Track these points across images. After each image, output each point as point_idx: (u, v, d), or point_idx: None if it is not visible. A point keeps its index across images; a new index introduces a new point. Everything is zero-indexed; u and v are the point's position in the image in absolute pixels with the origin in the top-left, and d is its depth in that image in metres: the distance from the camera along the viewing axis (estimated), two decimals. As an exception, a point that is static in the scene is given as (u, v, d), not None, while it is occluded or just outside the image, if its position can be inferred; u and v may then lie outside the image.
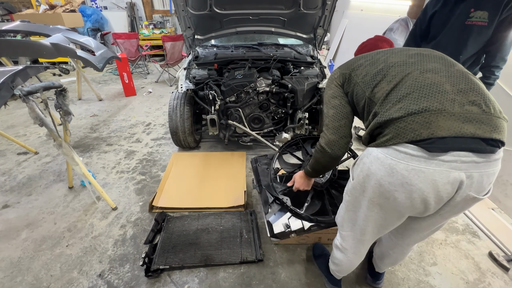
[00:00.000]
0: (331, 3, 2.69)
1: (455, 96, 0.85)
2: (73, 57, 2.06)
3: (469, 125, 0.81)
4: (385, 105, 0.91)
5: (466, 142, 0.81)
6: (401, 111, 0.86)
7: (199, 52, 3.12)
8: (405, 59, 0.98)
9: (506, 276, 1.62)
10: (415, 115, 0.84)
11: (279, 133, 2.69)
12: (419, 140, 0.82)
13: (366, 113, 1.02)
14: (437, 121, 0.82)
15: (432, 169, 0.81)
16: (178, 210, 2.06)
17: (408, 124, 0.85)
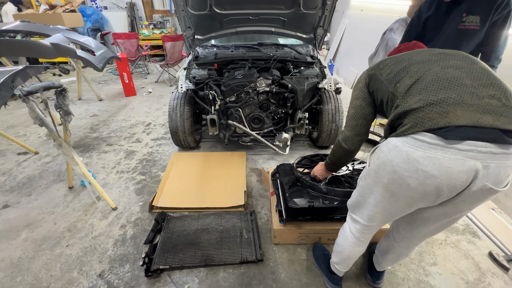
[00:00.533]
0: (331, 3, 2.69)
1: (474, 90, 0.87)
2: (73, 57, 2.06)
3: (488, 116, 0.82)
4: (406, 98, 0.95)
5: (484, 132, 0.82)
6: (420, 102, 0.90)
7: (199, 52, 3.12)
8: (428, 57, 1.01)
9: (506, 276, 1.62)
10: (433, 105, 0.87)
11: (279, 133, 2.69)
12: (436, 129, 0.85)
13: (389, 108, 1.05)
14: (455, 111, 0.84)
15: (448, 157, 0.83)
16: (178, 210, 2.06)
17: (426, 113, 0.88)
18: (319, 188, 1.65)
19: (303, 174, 1.77)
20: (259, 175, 2.54)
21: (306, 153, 2.89)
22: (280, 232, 1.73)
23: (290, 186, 1.74)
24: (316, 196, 1.65)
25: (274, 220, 1.77)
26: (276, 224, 1.74)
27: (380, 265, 1.49)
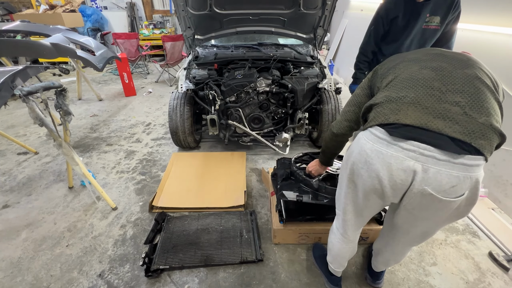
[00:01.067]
0: (331, 3, 2.69)
1: (439, 93, 0.87)
2: (73, 57, 2.06)
3: (439, 121, 0.83)
4: (379, 93, 1.01)
5: (430, 136, 0.82)
6: (383, 98, 0.95)
7: (199, 52, 3.12)
8: (420, 56, 1.02)
9: (506, 276, 1.62)
10: (391, 102, 0.92)
11: (279, 133, 2.69)
12: (386, 124, 0.90)
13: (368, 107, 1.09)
14: (406, 110, 0.88)
15: (390, 153, 0.87)
16: (178, 210, 2.06)
17: (383, 109, 0.93)
18: (311, 184, 1.64)
19: (298, 169, 1.77)
20: (259, 175, 2.54)
21: (306, 153, 2.90)
22: (280, 232, 1.73)
23: (283, 179, 1.75)
24: (306, 191, 1.64)
25: (274, 220, 1.77)
26: (276, 224, 1.74)
27: (375, 266, 1.50)
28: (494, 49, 2.35)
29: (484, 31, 2.46)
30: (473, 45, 2.58)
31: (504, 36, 2.26)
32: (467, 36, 2.66)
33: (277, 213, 1.78)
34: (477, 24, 2.53)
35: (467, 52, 1.17)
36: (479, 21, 2.51)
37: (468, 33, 2.65)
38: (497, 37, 2.32)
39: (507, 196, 2.11)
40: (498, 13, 2.34)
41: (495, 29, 2.33)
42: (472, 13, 2.62)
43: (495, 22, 2.35)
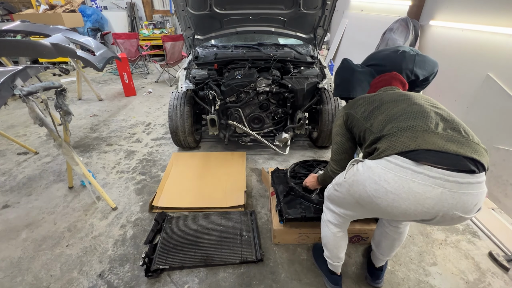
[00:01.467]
0: (331, 3, 2.69)
1: (438, 121, 0.98)
2: (73, 57, 2.06)
3: (452, 144, 0.90)
4: (379, 128, 1.06)
5: (450, 158, 0.88)
6: (393, 129, 0.99)
7: (199, 52, 3.12)
8: (396, 97, 1.14)
9: (506, 276, 1.62)
10: (405, 131, 0.96)
11: (279, 133, 2.69)
12: (407, 151, 0.92)
13: (366, 140, 1.14)
14: (423, 136, 0.93)
15: (417, 182, 0.88)
16: (178, 210, 2.06)
17: (398, 137, 0.96)
18: (311, 199, 1.73)
19: (296, 185, 1.86)
20: (259, 175, 2.54)
21: (306, 153, 2.90)
22: (280, 232, 1.73)
23: (284, 196, 1.82)
24: (307, 206, 1.73)
25: (274, 220, 1.77)
26: (276, 224, 1.74)
27: (378, 259, 1.50)
28: (494, 49, 2.35)
29: (484, 31, 2.46)
30: (473, 45, 2.58)
31: (504, 36, 2.26)
32: (467, 36, 2.66)
33: (277, 213, 1.78)
34: (477, 24, 2.54)
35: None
36: (479, 21, 2.52)
37: (468, 33, 2.65)
38: (497, 37, 2.32)
39: (507, 196, 2.11)
40: (498, 13, 2.34)
41: (495, 29, 2.33)
42: (472, 13, 2.62)
43: (495, 22, 2.35)
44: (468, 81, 2.61)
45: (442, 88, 2.98)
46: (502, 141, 2.20)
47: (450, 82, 2.85)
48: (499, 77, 2.29)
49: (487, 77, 2.38)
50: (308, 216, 1.67)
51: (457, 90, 2.76)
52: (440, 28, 3.04)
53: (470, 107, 2.56)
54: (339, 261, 1.44)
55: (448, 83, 2.88)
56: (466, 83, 2.63)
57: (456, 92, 2.76)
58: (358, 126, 1.19)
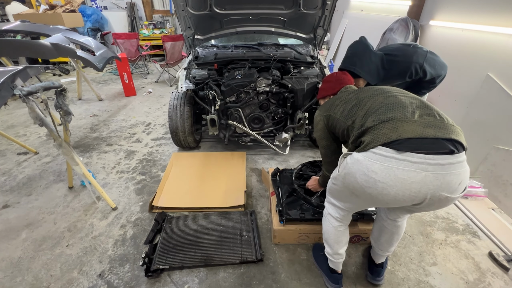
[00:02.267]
0: (331, 3, 2.69)
1: (414, 109, 1.06)
2: (73, 57, 2.07)
3: (430, 129, 0.97)
4: (362, 123, 1.12)
5: (429, 142, 0.95)
6: (374, 122, 1.06)
7: (199, 52, 3.12)
8: (372, 93, 1.22)
9: (506, 276, 1.62)
10: (385, 123, 1.03)
11: (279, 133, 2.69)
12: (389, 142, 0.98)
13: (350, 135, 1.20)
14: (403, 126, 0.99)
15: (402, 168, 0.94)
16: (178, 210, 2.06)
17: (380, 130, 1.03)
18: (311, 202, 1.78)
19: (299, 187, 1.89)
20: (259, 175, 2.54)
21: (306, 153, 2.90)
22: (280, 232, 1.73)
23: (287, 196, 1.86)
24: (307, 208, 1.77)
25: (274, 220, 1.77)
26: (276, 224, 1.74)
27: (378, 255, 1.51)
28: (494, 49, 2.35)
29: (484, 31, 2.46)
30: (473, 45, 2.58)
31: (504, 36, 2.26)
32: (467, 36, 2.66)
33: (277, 213, 1.78)
34: (477, 24, 2.54)
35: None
36: (479, 21, 2.52)
37: (468, 33, 2.65)
38: (497, 37, 2.32)
39: (507, 196, 2.11)
40: (498, 13, 2.34)
41: (495, 29, 2.33)
42: (472, 13, 2.62)
43: (495, 22, 2.35)
44: (468, 81, 2.61)
45: (442, 88, 2.97)
46: (502, 141, 2.20)
47: (450, 82, 2.84)
48: (499, 77, 2.29)
49: (487, 77, 2.38)
50: (307, 218, 1.70)
51: (457, 90, 2.76)
52: (440, 28, 3.04)
53: (470, 107, 2.56)
54: (340, 258, 1.44)
55: (448, 83, 2.87)
56: (466, 83, 2.63)
57: (456, 92, 2.76)
58: (340, 126, 1.27)
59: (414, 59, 1.76)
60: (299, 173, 2.09)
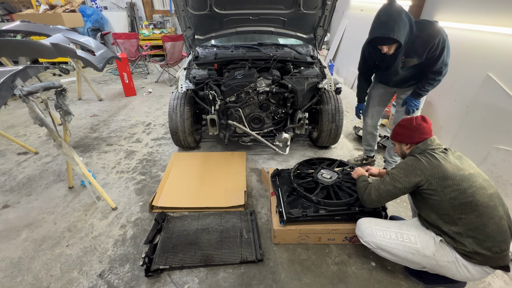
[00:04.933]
0: (331, 3, 2.69)
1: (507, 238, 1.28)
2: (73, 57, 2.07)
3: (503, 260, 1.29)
4: (473, 234, 1.26)
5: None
6: (492, 249, 1.23)
7: (199, 52, 3.12)
8: (487, 201, 1.25)
9: (506, 276, 1.62)
10: (499, 253, 1.24)
11: (279, 133, 2.69)
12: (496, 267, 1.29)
13: (442, 220, 1.34)
14: (504, 256, 1.26)
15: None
16: (178, 210, 2.06)
17: (496, 257, 1.25)
18: (311, 199, 1.78)
19: (299, 185, 1.89)
20: (259, 175, 2.54)
21: (306, 153, 2.90)
22: (280, 232, 1.73)
23: (287, 196, 1.86)
24: (308, 206, 1.77)
25: (274, 220, 1.77)
26: (276, 224, 1.74)
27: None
28: (494, 49, 2.35)
29: (484, 31, 2.46)
30: (473, 45, 2.58)
31: (504, 36, 2.26)
32: (467, 36, 2.66)
33: (277, 214, 1.78)
34: (477, 24, 2.53)
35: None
36: (479, 21, 2.52)
37: (468, 33, 2.65)
38: (497, 37, 2.32)
39: (507, 196, 2.11)
40: (498, 13, 2.34)
41: (495, 29, 2.33)
42: (472, 13, 2.62)
43: (495, 22, 2.35)
44: (468, 81, 2.61)
45: (442, 88, 2.97)
46: (502, 141, 2.20)
47: (450, 82, 2.84)
48: (499, 77, 2.29)
49: (487, 77, 2.38)
50: (309, 215, 1.70)
51: (457, 90, 2.76)
52: (440, 28, 3.04)
53: (470, 107, 2.56)
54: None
55: (448, 83, 2.87)
56: (466, 83, 2.63)
57: (456, 92, 2.76)
58: (440, 206, 1.31)
59: (441, 32, 1.81)
60: (296, 172, 2.10)
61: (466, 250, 1.27)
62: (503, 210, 1.29)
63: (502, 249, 1.23)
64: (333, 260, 1.70)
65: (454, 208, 1.28)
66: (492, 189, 1.31)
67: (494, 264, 1.25)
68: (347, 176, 1.97)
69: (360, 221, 1.58)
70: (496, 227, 1.23)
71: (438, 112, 3.01)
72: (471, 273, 1.28)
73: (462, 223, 1.28)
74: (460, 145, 2.65)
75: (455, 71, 2.78)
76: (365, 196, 1.50)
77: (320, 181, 1.89)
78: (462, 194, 1.27)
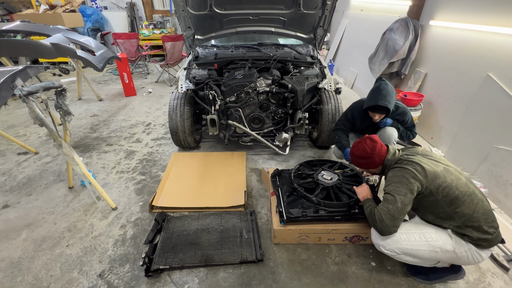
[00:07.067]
0: (331, 3, 2.69)
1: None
2: (73, 57, 2.07)
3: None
4: (472, 220, 1.32)
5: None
6: (490, 229, 1.33)
7: (199, 52, 3.12)
8: (466, 190, 1.34)
9: (506, 276, 1.62)
10: (493, 233, 1.34)
11: (279, 133, 2.69)
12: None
13: (442, 217, 1.39)
14: (493, 240, 1.36)
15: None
16: (178, 210, 2.06)
17: (494, 238, 1.35)
18: (312, 199, 1.78)
19: (299, 186, 1.89)
20: (259, 175, 2.54)
21: (306, 153, 2.90)
22: (280, 232, 1.73)
23: (287, 196, 1.86)
24: (308, 206, 1.77)
25: (274, 220, 1.77)
26: (276, 224, 1.74)
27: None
28: (494, 49, 2.35)
29: (484, 31, 2.46)
30: (473, 45, 2.58)
31: (504, 36, 2.26)
32: (467, 36, 2.66)
33: (277, 214, 1.78)
34: (477, 24, 2.53)
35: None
36: (479, 21, 2.52)
37: (468, 33, 2.65)
38: (497, 37, 2.32)
39: (507, 196, 2.11)
40: (498, 13, 2.34)
41: (495, 29, 2.33)
42: (472, 13, 2.62)
43: (495, 22, 2.35)
44: (468, 81, 2.61)
45: (442, 88, 2.98)
46: (502, 141, 2.20)
47: (450, 82, 2.84)
48: (499, 77, 2.29)
49: (487, 77, 2.38)
50: (309, 215, 1.70)
51: (457, 90, 2.76)
52: (440, 28, 3.04)
53: (470, 107, 2.56)
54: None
55: (448, 83, 2.88)
56: (466, 83, 2.63)
57: (456, 92, 2.76)
58: (436, 205, 1.37)
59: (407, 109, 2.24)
60: (297, 172, 2.10)
61: (472, 238, 1.33)
62: (479, 191, 1.38)
63: (495, 226, 1.33)
64: (333, 260, 1.70)
65: (448, 204, 1.34)
66: (462, 175, 1.40)
67: (496, 243, 1.34)
68: (347, 178, 1.97)
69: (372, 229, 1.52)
70: (483, 210, 1.32)
71: (438, 112, 3.01)
72: (482, 257, 1.35)
73: (457, 216, 1.34)
74: (460, 145, 2.65)
75: (455, 71, 2.78)
76: (379, 224, 1.38)
77: (321, 182, 1.89)
78: (450, 189, 1.33)
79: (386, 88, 2.03)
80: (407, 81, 3.53)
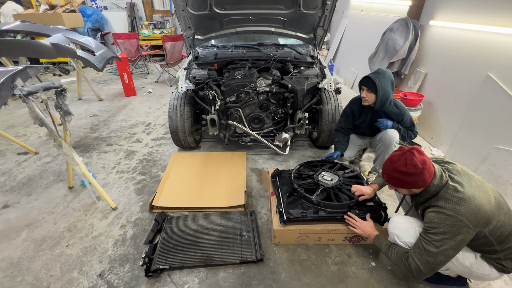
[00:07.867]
0: (331, 3, 2.69)
1: None
2: (73, 57, 2.07)
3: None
4: (510, 256, 1.25)
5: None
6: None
7: (199, 52, 3.12)
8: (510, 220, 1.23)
9: (506, 277, 1.62)
10: None
11: (279, 133, 2.69)
12: None
13: (485, 250, 1.26)
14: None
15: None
16: (178, 210, 2.06)
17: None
18: (312, 200, 1.77)
19: (299, 186, 1.89)
20: (259, 175, 2.54)
21: (306, 153, 2.90)
22: (280, 232, 1.73)
23: (287, 196, 1.86)
24: (308, 207, 1.76)
25: (274, 220, 1.77)
26: (276, 224, 1.74)
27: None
28: (494, 49, 2.35)
29: (484, 31, 2.46)
30: (473, 45, 2.58)
31: (504, 36, 2.26)
32: (467, 36, 2.66)
33: (278, 214, 1.78)
34: (477, 24, 2.54)
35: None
36: (479, 21, 2.52)
37: (468, 33, 2.65)
38: (497, 37, 2.32)
39: (507, 196, 2.11)
40: (498, 13, 2.34)
41: (495, 29, 2.33)
42: (472, 13, 2.62)
43: (495, 22, 2.35)
44: (468, 81, 2.61)
45: (442, 88, 2.98)
46: (502, 141, 2.20)
47: (450, 82, 2.84)
48: (499, 77, 2.29)
49: (487, 77, 2.38)
50: (309, 216, 1.70)
51: (457, 90, 2.76)
52: (440, 28, 3.04)
53: (470, 107, 2.56)
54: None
55: (448, 83, 2.88)
56: (466, 83, 2.63)
57: (456, 92, 2.76)
58: (486, 245, 1.23)
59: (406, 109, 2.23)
60: (297, 173, 2.10)
61: (504, 268, 1.27)
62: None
63: None
64: (333, 260, 1.70)
65: (499, 242, 1.22)
66: (505, 204, 1.26)
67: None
68: (347, 180, 1.97)
69: (395, 218, 1.47)
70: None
71: (438, 112, 3.01)
72: (497, 277, 1.33)
73: (502, 249, 1.23)
74: (460, 145, 2.65)
75: (455, 71, 2.78)
76: (416, 273, 1.26)
77: (321, 183, 1.89)
78: (504, 227, 1.20)
79: (382, 70, 2.07)
80: (407, 81, 3.53)
